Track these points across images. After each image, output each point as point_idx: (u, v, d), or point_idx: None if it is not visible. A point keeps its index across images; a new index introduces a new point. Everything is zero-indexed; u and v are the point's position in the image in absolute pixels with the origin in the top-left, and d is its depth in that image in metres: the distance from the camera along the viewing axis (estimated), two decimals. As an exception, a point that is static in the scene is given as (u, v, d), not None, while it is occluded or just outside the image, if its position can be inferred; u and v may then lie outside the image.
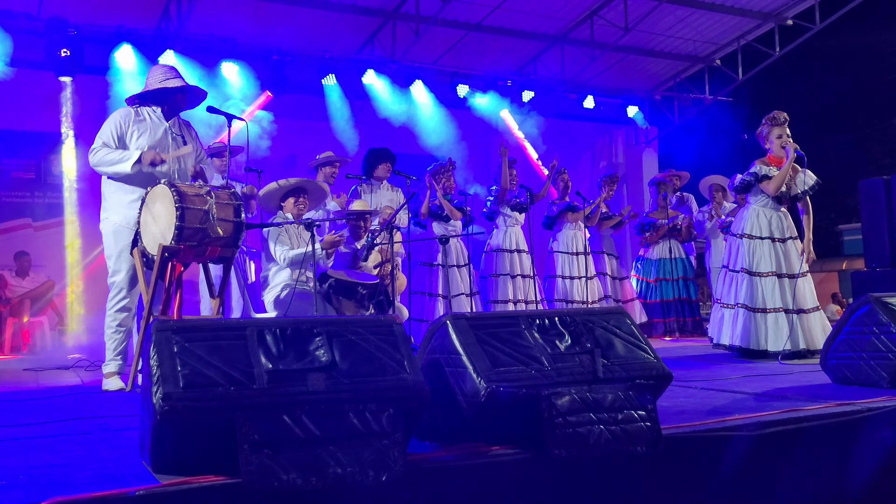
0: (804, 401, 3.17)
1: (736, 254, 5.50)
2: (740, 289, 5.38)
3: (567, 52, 10.47)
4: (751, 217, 5.48)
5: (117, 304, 4.37)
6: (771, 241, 5.40)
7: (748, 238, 5.43)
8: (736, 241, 5.54)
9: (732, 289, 5.46)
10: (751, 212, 5.51)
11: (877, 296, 3.72)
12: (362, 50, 9.88)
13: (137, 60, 8.21)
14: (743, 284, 5.36)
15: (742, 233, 5.48)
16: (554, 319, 2.57)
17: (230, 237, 4.04)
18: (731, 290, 5.46)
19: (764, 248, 5.39)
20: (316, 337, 2.19)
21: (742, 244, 5.45)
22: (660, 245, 8.61)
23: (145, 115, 4.47)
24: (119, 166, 4.28)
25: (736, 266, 5.47)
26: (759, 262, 5.36)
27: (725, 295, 5.52)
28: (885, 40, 10.83)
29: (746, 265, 5.38)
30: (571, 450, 2.28)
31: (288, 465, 1.95)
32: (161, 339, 2.05)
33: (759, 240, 5.41)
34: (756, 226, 5.44)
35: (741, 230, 5.50)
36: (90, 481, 2.01)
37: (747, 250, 5.41)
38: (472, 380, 2.31)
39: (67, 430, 2.86)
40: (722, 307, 5.52)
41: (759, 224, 5.44)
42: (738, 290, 5.40)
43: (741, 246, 5.46)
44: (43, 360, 6.38)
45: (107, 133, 4.37)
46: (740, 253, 5.45)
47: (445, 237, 6.33)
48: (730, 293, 5.47)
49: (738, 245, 5.50)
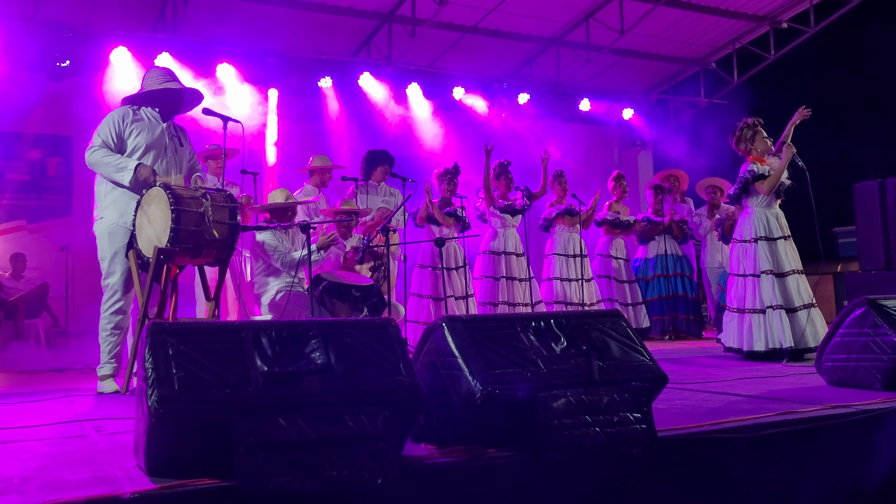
0: (799, 403, 3.18)
1: (751, 259, 5.51)
2: (764, 291, 5.40)
3: (563, 55, 10.49)
4: (760, 220, 5.54)
5: (112, 307, 4.33)
6: (780, 240, 5.48)
7: (765, 241, 5.48)
8: (742, 246, 5.57)
9: (748, 293, 5.48)
10: (758, 214, 5.56)
11: (872, 298, 3.73)
12: (358, 52, 9.88)
13: (133, 63, 8.21)
14: (768, 286, 5.38)
15: (756, 236, 5.51)
16: (549, 322, 2.57)
17: (226, 239, 4.03)
18: (747, 294, 5.48)
19: (779, 247, 5.46)
20: (311, 339, 2.19)
21: (758, 247, 5.48)
22: (656, 242, 8.63)
23: (143, 115, 4.46)
24: (117, 176, 4.25)
25: (756, 270, 5.48)
26: (781, 262, 5.43)
27: (739, 300, 5.54)
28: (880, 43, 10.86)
29: (769, 266, 5.42)
30: (567, 452, 2.28)
31: (283, 467, 1.95)
32: (156, 342, 2.04)
33: (773, 241, 5.48)
34: (767, 228, 5.51)
35: (754, 234, 5.53)
36: (85, 484, 2.00)
37: (766, 252, 5.45)
38: (467, 382, 2.31)
39: (62, 433, 2.85)
40: (735, 312, 5.55)
41: (769, 226, 5.52)
42: (757, 292, 5.42)
43: (758, 249, 5.48)
44: (38, 362, 6.36)
45: (105, 131, 4.34)
46: (758, 256, 5.47)
47: (442, 239, 6.33)
48: (745, 297, 5.49)
49: (747, 250, 5.53)
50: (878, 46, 10.88)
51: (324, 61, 9.27)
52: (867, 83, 11.81)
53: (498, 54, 10.37)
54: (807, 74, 12.05)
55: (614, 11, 9.60)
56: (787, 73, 11.61)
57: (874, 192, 7.38)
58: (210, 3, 8.43)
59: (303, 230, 5.35)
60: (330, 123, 9.70)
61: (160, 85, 4.44)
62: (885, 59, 11.18)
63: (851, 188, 7.78)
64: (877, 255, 7.27)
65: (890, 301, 3.73)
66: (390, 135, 9.56)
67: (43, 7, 8.10)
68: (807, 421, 2.85)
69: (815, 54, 11.33)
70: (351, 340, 2.23)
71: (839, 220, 11.89)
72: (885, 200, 7.27)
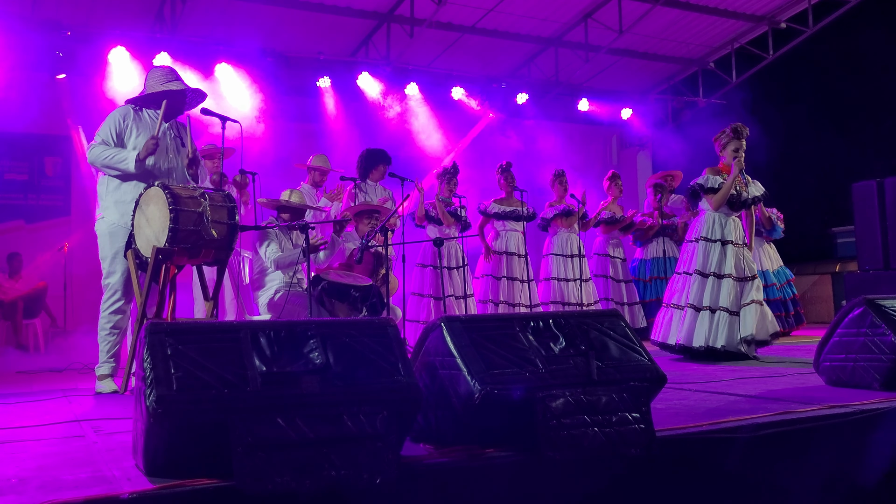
0: (798, 403, 3.18)
1: (690, 258, 5.64)
2: (692, 290, 5.51)
3: (561, 55, 10.49)
4: (707, 222, 5.63)
5: (112, 307, 4.34)
6: (722, 245, 5.55)
7: (704, 241, 5.57)
8: (690, 245, 5.68)
9: (684, 290, 5.59)
10: (707, 217, 5.66)
11: (870, 298, 3.73)
12: (357, 52, 9.88)
13: (131, 63, 8.21)
14: (694, 285, 5.50)
15: (698, 236, 5.62)
16: (548, 322, 2.57)
17: (224, 239, 4.03)
18: (683, 292, 5.60)
19: (716, 250, 5.53)
20: (310, 339, 2.19)
21: (697, 247, 5.59)
22: (654, 244, 8.63)
23: (145, 115, 4.48)
24: (122, 165, 4.27)
25: (689, 269, 5.61)
26: (711, 264, 5.50)
27: (675, 297, 5.66)
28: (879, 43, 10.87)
29: (699, 267, 5.53)
30: (565, 452, 2.28)
31: (282, 467, 1.95)
32: (154, 342, 2.04)
33: (712, 242, 5.55)
34: (711, 230, 5.59)
35: (697, 234, 5.65)
36: (83, 484, 2.00)
37: (702, 252, 5.54)
38: (466, 382, 2.31)
39: (60, 433, 2.85)
40: (671, 308, 5.66)
41: (713, 229, 5.59)
42: (688, 291, 5.53)
43: (696, 249, 5.59)
44: (36, 362, 6.35)
45: (106, 131, 4.37)
46: (695, 255, 5.59)
47: (440, 239, 6.33)
48: (681, 295, 5.61)
49: (692, 249, 5.64)
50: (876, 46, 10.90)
51: (322, 61, 9.27)
52: (866, 83, 11.82)
53: (496, 54, 10.37)
54: (805, 74, 12.07)
55: (613, 11, 9.60)
56: (785, 72, 11.62)
57: (873, 191, 7.39)
58: (208, 3, 8.42)
59: (301, 230, 5.35)
60: (328, 123, 9.70)
61: (161, 86, 4.45)
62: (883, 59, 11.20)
63: (850, 188, 7.79)
64: (875, 254, 7.28)
65: (888, 301, 3.73)
66: (389, 134, 9.56)
67: (41, 6, 8.10)
68: (805, 421, 2.85)
69: (813, 54, 11.34)
70: (349, 340, 2.22)
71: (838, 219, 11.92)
72: (883, 200, 7.28)
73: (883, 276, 7.10)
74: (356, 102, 9.69)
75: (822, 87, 12.24)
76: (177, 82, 4.50)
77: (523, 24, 9.89)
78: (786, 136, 10.64)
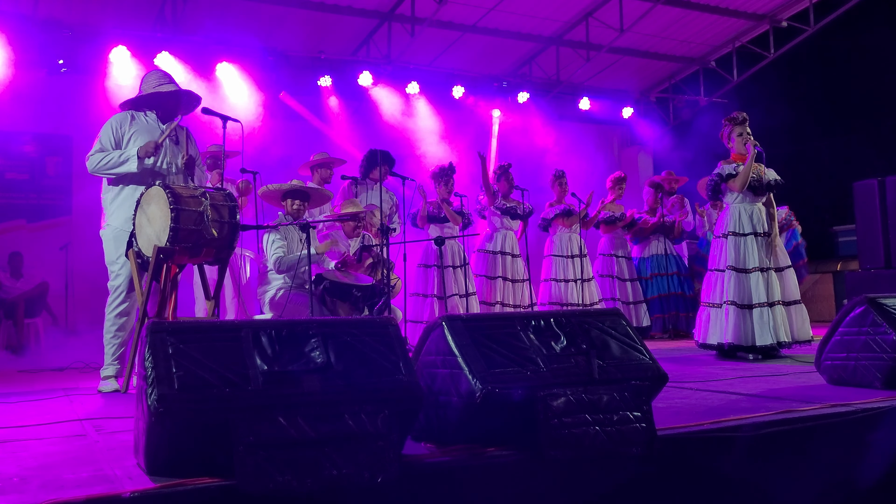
0: (799, 402, 3.18)
1: (721, 254, 5.55)
2: (728, 287, 5.41)
3: (562, 54, 10.48)
4: (733, 215, 5.54)
5: (117, 309, 4.38)
6: (754, 237, 5.46)
7: (733, 236, 5.48)
8: (720, 241, 5.59)
9: (718, 288, 5.50)
10: (732, 210, 5.57)
11: (872, 297, 3.73)
12: (358, 51, 9.87)
13: (133, 62, 8.21)
14: (730, 282, 5.40)
15: (726, 232, 5.53)
16: (549, 321, 2.57)
17: (225, 238, 4.03)
18: (718, 289, 5.51)
19: (748, 243, 5.44)
20: (311, 338, 2.19)
21: (727, 242, 5.50)
22: (652, 243, 8.63)
23: (141, 119, 4.50)
24: (123, 168, 4.30)
25: (721, 265, 5.52)
26: (745, 259, 5.42)
27: (712, 294, 5.56)
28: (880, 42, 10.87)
29: (732, 262, 5.43)
30: (567, 451, 2.28)
31: (283, 466, 1.95)
32: (156, 341, 2.04)
33: (742, 236, 5.46)
34: (738, 223, 5.50)
35: (725, 230, 5.56)
36: (84, 483, 2.00)
37: (732, 247, 5.46)
38: (467, 381, 2.31)
39: (62, 432, 2.85)
40: (709, 307, 5.56)
41: (741, 221, 5.50)
42: (725, 288, 5.44)
43: (725, 244, 5.51)
44: (38, 362, 6.35)
45: (104, 139, 4.41)
46: (726, 251, 5.50)
47: (441, 238, 6.33)
48: (716, 292, 5.52)
49: (722, 245, 5.55)
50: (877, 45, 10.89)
51: (323, 60, 9.27)
52: (867, 82, 11.81)
53: (497, 53, 10.36)
54: (806, 73, 12.06)
55: (614, 10, 9.59)
56: (786, 71, 11.61)
57: (874, 190, 7.39)
58: (210, 2, 8.42)
59: (302, 229, 5.35)
60: (330, 122, 9.70)
61: (153, 89, 4.50)
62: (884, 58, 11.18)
63: (851, 187, 7.78)
64: (876, 253, 7.27)
65: (890, 300, 3.73)
66: (390, 133, 9.56)
67: (42, 5, 8.10)
68: (806, 419, 2.85)
69: (814, 53, 11.34)
70: (351, 339, 2.23)
71: (839, 218, 11.91)
72: (884, 199, 7.28)
73: (884, 275, 7.09)
74: (357, 101, 9.69)
75: (823, 86, 12.23)
76: (170, 85, 4.54)
77: (524, 23, 9.88)
78: (787, 135, 10.62)
